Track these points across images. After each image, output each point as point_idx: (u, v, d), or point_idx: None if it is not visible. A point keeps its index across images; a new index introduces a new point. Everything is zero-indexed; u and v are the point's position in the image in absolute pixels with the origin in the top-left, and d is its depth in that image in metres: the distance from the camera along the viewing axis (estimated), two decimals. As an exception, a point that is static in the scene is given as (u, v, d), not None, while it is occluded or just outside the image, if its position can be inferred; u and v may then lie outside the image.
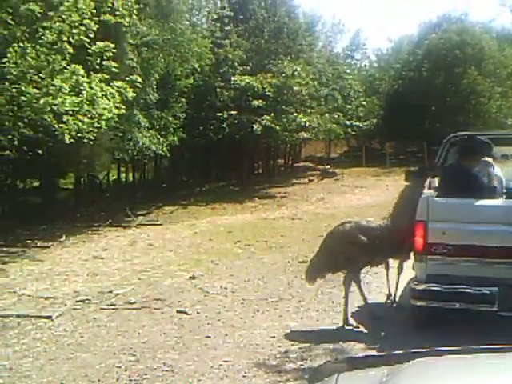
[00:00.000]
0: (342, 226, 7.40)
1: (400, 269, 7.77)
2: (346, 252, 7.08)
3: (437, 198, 6.49)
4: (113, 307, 8.47)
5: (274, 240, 14.10)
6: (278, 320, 7.52)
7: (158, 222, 18.62)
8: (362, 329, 7.16)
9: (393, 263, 7.98)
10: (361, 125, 39.42)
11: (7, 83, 14.49)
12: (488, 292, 6.07)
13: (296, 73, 29.49)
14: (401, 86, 41.95)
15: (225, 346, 6.69)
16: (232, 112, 28.07)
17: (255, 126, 27.60)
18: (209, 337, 6.98)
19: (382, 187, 24.56)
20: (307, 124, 30.48)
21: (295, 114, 29.98)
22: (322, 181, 30.36)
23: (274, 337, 6.88)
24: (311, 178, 31.59)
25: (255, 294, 8.91)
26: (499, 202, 6.39)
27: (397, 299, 7.99)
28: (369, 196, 23.29)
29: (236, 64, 29.58)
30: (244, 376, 5.82)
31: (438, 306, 6.36)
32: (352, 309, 7.64)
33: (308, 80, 30.45)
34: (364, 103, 42.19)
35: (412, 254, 6.88)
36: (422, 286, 6.34)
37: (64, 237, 15.80)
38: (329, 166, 34.13)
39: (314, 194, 25.06)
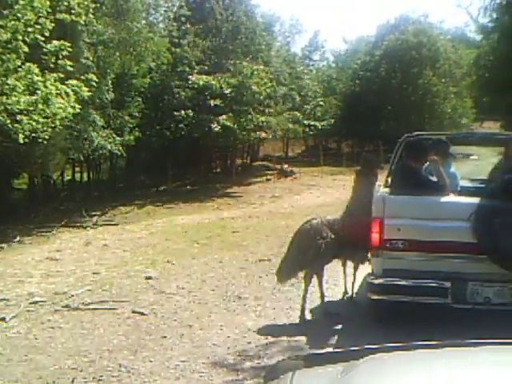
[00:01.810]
0: (309, 222, 7.45)
1: (356, 265, 7.86)
2: (314, 248, 7.12)
3: (392, 196, 6.65)
4: (68, 309, 8.34)
5: (232, 239, 14.10)
6: (235, 319, 7.52)
7: (114, 223, 18.46)
8: (319, 325, 7.21)
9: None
10: (318, 124, 39.76)
11: (-40, 82, 14.23)
12: (441, 285, 6.28)
13: (255, 73, 29.59)
14: (358, 86, 42.48)
15: (181, 346, 6.67)
16: (190, 111, 27.99)
17: (213, 126, 27.63)
18: (165, 337, 6.95)
19: (339, 186, 24.75)
20: (265, 123, 30.63)
21: (253, 114, 30.08)
22: (280, 180, 30.51)
23: (231, 336, 6.87)
24: (269, 177, 31.73)
25: (212, 294, 8.89)
26: (450, 198, 6.56)
27: (354, 295, 8.07)
28: (326, 195, 23.48)
29: (194, 63, 29.52)
30: (201, 376, 5.81)
31: (394, 299, 6.53)
32: (310, 305, 7.70)
33: (266, 80, 30.57)
34: (322, 103, 42.56)
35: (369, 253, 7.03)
36: (379, 280, 6.50)
37: (18, 238, 15.55)
38: (286, 165, 34.30)
39: (271, 192, 25.16)
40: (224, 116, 28.25)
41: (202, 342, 6.69)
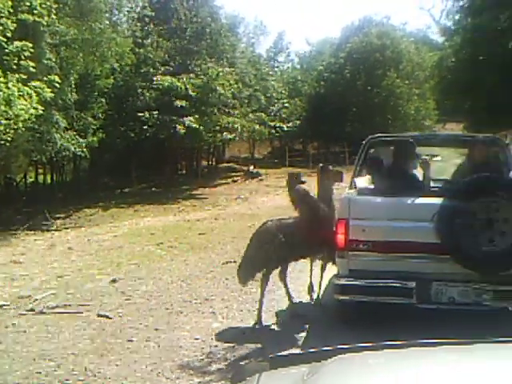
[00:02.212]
0: (265, 225, 7.48)
1: (323, 266, 7.90)
2: (268, 250, 7.15)
3: (357, 197, 6.75)
4: (32, 312, 8.23)
5: (198, 241, 14.07)
6: (201, 321, 7.50)
7: (78, 225, 18.27)
8: (286, 327, 7.24)
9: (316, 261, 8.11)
10: (284, 126, 39.89)
11: None
12: (406, 286, 6.35)
13: (220, 74, 29.58)
14: (323, 87, 42.73)
15: (148, 349, 6.62)
16: (154, 112, 27.83)
17: (178, 127, 27.54)
18: (131, 340, 6.89)
19: (305, 187, 24.87)
20: (230, 125, 30.64)
21: (219, 115, 30.07)
22: (246, 181, 30.54)
23: (198, 338, 6.84)
24: (235, 178, 31.74)
25: (179, 296, 8.85)
26: (413, 199, 6.63)
27: (321, 297, 8.10)
28: (292, 196, 23.56)
29: (158, 64, 29.38)
30: (167, 378, 5.78)
31: (360, 300, 6.60)
32: (277, 307, 7.73)
33: (231, 81, 30.58)
34: (287, 105, 42.72)
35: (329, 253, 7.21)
36: (344, 281, 6.55)
37: (-22, 241, 15.29)
38: (252, 167, 34.35)
39: (237, 194, 25.17)
40: (189, 117, 28.18)
41: (169, 345, 6.66)
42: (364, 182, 7.45)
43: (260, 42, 55.96)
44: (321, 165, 7.95)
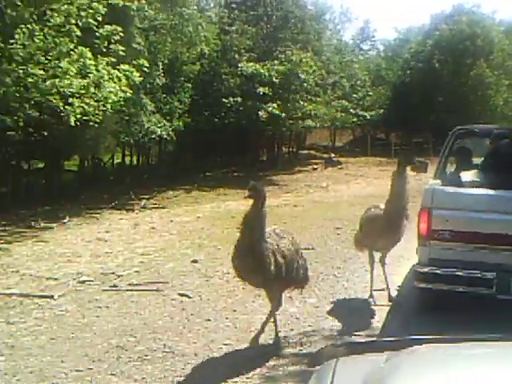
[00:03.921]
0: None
1: (383, 262, 7.84)
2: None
3: (441, 188, 6.83)
4: (115, 289, 8.53)
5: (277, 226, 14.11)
6: (278, 306, 7.56)
7: (162, 206, 18.66)
8: (364, 315, 7.24)
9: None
10: (367, 114, 39.34)
11: (14, 64, 14.50)
12: (486, 276, 6.38)
13: (304, 61, 29.43)
14: (408, 76, 41.81)
15: (225, 329, 6.74)
16: (238, 98, 28.01)
17: (261, 113, 27.59)
18: (209, 320, 7.04)
19: (386, 177, 24.43)
20: (313, 112, 30.48)
21: (301, 102, 29.96)
22: (326, 169, 30.35)
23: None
24: (315, 166, 31.58)
25: (257, 280, 8.94)
26: (499, 192, 6.57)
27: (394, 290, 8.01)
28: (372, 186, 23.26)
29: (243, 51, 29.48)
30: (243, 360, 5.87)
31: (440, 288, 6.65)
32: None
33: (315, 68, 30.37)
34: (371, 93, 42.08)
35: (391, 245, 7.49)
36: (425, 269, 6.65)
37: (67, 218, 15.85)
38: (333, 155, 34.09)
39: (317, 182, 25.06)
40: (272, 104, 28.20)
41: (246, 327, 6.76)
42: (468, 175, 7.45)
43: (345, 30, 55.43)
44: (404, 156, 7.91)
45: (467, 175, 7.42)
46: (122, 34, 16.29)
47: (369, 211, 7.80)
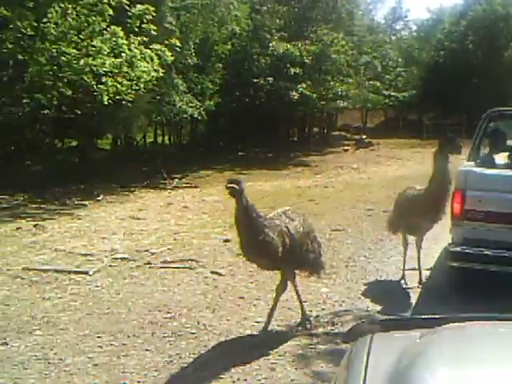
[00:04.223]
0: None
1: (419, 245, 7.79)
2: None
3: (474, 169, 6.95)
4: (149, 266, 8.65)
5: (308, 207, 14.07)
6: (310, 285, 7.57)
7: (193, 185, 18.76)
8: (396, 294, 7.28)
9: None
10: (399, 95, 38.94)
11: (47, 43, 14.66)
12: None
13: (335, 41, 29.18)
14: (442, 57, 41.22)
15: (257, 307, 6.82)
16: (269, 79, 27.91)
17: (292, 94, 27.46)
18: (242, 298, 7.12)
19: (418, 159, 24.28)
20: (344, 93, 30.26)
21: (332, 83, 29.77)
22: (357, 150, 30.19)
23: (306, 301, 6.95)
24: (346, 147, 31.43)
25: (288, 260, 8.99)
26: None
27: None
28: (404, 167, 23.10)
29: (274, 30, 29.30)
30: (276, 337, 5.93)
31: (473, 267, 6.75)
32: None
33: (347, 48, 30.10)
34: (403, 73, 41.59)
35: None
36: (459, 248, 6.81)
37: (101, 196, 16.04)
38: (365, 136, 33.84)
39: (348, 163, 24.94)
40: (303, 84, 28.05)
41: (278, 306, 6.80)
42: (502, 157, 7.56)
43: (377, 10, 54.74)
44: (448, 134, 7.94)
45: (501, 157, 7.44)
46: (153, 13, 16.31)
47: (405, 192, 7.77)
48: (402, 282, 7.71)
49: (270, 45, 28.33)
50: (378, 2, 51.00)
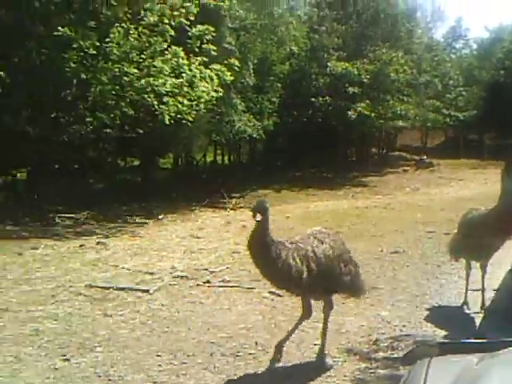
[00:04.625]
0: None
1: (484, 269, 7.56)
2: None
3: None
4: (208, 284, 8.71)
5: (366, 228, 14.00)
6: (369, 308, 7.51)
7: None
8: (460, 320, 7.12)
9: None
10: (460, 115, 38.29)
11: (110, 63, 15.03)
12: None
13: (394, 59, 28.98)
14: (502, 76, 40.39)
15: (315, 330, 6.73)
16: (327, 98, 27.90)
17: (350, 113, 27.36)
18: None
19: (480, 180, 23.87)
20: (404, 112, 29.95)
21: (392, 102, 29.53)
22: (417, 171, 29.80)
23: (364, 325, 6.88)
24: (406, 167, 31.07)
25: (346, 282, 8.92)
26: None
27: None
28: (466, 189, 22.66)
29: (332, 50, 29.31)
30: (334, 360, 5.86)
31: None
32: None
33: (406, 67, 29.84)
34: (464, 93, 40.90)
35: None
36: None
37: (162, 214, 16.28)
38: (425, 157, 33.37)
39: (408, 184, 24.65)
40: (361, 103, 27.93)
41: (336, 329, 6.74)
42: None
43: (437, 28, 54.02)
44: None
45: None
46: (213, 33, 16.54)
47: (469, 214, 7.59)
48: (465, 306, 7.53)
49: (328, 64, 28.36)
50: (437, 20, 50.26)
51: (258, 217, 5.29)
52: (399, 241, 12.18)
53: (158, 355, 6.02)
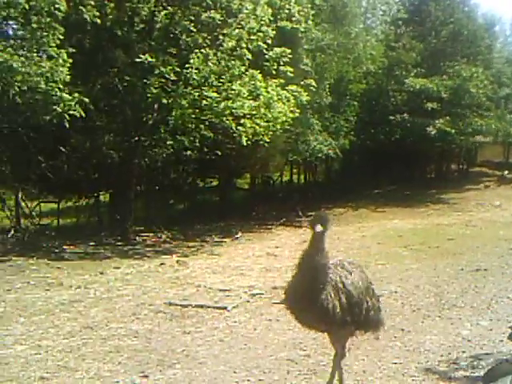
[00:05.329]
0: None
1: None
2: None
3: None
4: (285, 303, 8.75)
5: (446, 246, 13.75)
6: (449, 327, 7.39)
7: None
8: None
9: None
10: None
11: (190, 88, 15.43)
12: None
13: (474, 75, 28.42)
14: None
15: (393, 348, 6.71)
16: (405, 115, 27.61)
17: (429, 129, 26.96)
18: (378, 338, 7.03)
19: None
20: (484, 127, 29.25)
21: (472, 117, 28.91)
22: (500, 187, 28.95)
23: (445, 344, 6.77)
24: (487, 183, 30.23)
25: (426, 300, 8.80)
26: None
27: None
28: (551, 205, 21.90)
29: (409, 66, 29.03)
30: (413, 380, 5.80)
31: None
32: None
33: (486, 82, 29.18)
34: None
35: None
36: None
37: (239, 234, 16.52)
38: (507, 172, 32.40)
39: (490, 200, 23.99)
40: (441, 120, 27.49)
41: (415, 347, 6.68)
42: None
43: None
44: None
45: None
46: (290, 55, 16.69)
47: None
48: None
49: (406, 81, 28.08)
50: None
51: (318, 228, 4.68)
52: (480, 258, 11.92)
53: (235, 372, 6.10)
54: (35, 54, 12.64)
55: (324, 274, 4.74)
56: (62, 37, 12.88)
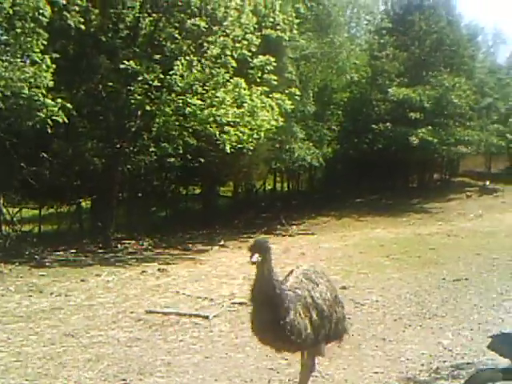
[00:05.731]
0: None
1: None
2: None
3: None
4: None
5: (428, 256, 13.82)
6: (430, 336, 7.41)
7: (310, 232, 18.85)
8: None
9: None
10: (526, 139, 37.32)
11: (174, 95, 15.43)
12: None
13: (457, 85, 28.66)
14: None
15: (374, 357, 6.71)
16: (387, 124, 27.76)
17: (411, 139, 27.12)
18: (359, 347, 7.04)
19: None
20: (466, 138, 29.47)
21: (453, 127, 29.13)
22: (481, 197, 29.17)
23: (426, 353, 6.78)
24: (469, 193, 30.43)
25: (407, 309, 8.82)
26: None
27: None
28: (532, 215, 22.08)
29: (393, 76, 29.23)
30: (391, 388, 5.83)
31: None
32: None
33: (469, 93, 29.44)
34: (529, 116, 39.87)
35: None
36: None
37: (222, 241, 16.48)
38: (488, 182, 32.64)
39: (471, 210, 24.16)
40: (423, 129, 27.67)
41: (396, 356, 6.69)
42: None
43: (499, 52, 53.00)
44: None
45: None
46: (274, 63, 16.73)
47: None
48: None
49: (389, 90, 28.26)
50: (500, 43, 49.39)
51: (255, 257, 4.54)
52: (462, 268, 11.98)
53: (216, 380, 6.09)
54: (19, 60, 12.59)
55: (281, 299, 4.53)
56: (45, 42, 12.84)
